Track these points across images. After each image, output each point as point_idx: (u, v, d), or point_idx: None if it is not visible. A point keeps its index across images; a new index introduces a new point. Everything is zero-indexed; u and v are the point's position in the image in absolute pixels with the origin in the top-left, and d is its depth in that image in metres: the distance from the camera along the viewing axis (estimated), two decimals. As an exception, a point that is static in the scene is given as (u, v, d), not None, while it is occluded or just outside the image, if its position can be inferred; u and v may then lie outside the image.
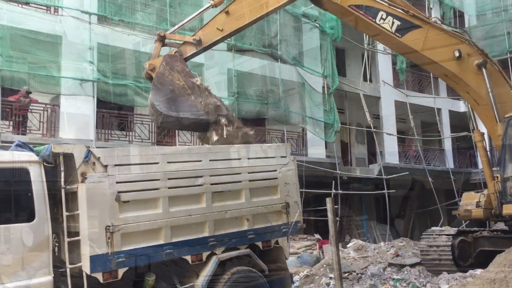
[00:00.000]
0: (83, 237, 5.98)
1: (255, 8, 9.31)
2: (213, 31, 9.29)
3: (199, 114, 8.36)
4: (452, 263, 10.15)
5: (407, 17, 9.82)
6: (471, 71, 10.06)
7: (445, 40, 10.06)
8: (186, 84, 8.49)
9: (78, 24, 13.42)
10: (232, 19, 9.32)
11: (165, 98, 8.40)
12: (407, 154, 22.42)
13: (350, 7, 9.61)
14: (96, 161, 6.21)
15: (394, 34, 9.77)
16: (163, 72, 8.63)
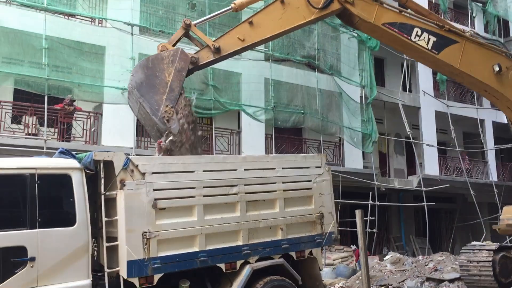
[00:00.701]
0: (121, 242, 6.15)
1: (280, 21, 8.98)
2: (234, 41, 8.76)
3: (155, 113, 7.64)
4: (493, 279, 9.82)
5: (443, 33, 9.50)
6: (511, 85, 9.73)
7: (483, 54, 9.75)
8: (170, 84, 7.86)
9: (121, 35, 13.87)
10: (255, 30, 8.86)
11: (144, 77, 7.83)
12: (447, 166, 21.85)
13: (384, 25, 9.28)
14: (135, 169, 6.39)
15: (431, 51, 9.43)
16: (164, 58, 8.04)
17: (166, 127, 7.58)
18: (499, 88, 9.77)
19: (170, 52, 8.09)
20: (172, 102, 7.70)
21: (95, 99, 13.83)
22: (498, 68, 9.59)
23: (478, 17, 24.67)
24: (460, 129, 22.82)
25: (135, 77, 7.84)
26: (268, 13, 8.96)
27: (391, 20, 9.35)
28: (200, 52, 8.56)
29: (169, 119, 7.59)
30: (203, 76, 15.31)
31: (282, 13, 8.96)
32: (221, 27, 16.12)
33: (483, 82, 9.80)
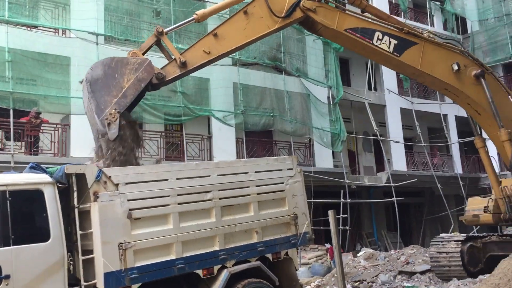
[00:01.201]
0: (97, 254, 6.14)
1: (244, 32, 8.87)
2: (200, 54, 8.59)
3: (99, 113, 7.35)
4: (462, 269, 10.16)
5: (403, 35, 9.70)
6: (469, 83, 10.03)
7: (442, 54, 10.01)
8: (125, 90, 7.55)
9: (86, 45, 13.74)
10: (220, 42, 8.70)
11: (102, 74, 7.58)
12: (414, 161, 22.42)
13: (346, 31, 9.37)
14: (108, 180, 6.39)
15: (393, 54, 9.61)
16: (129, 63, 7.77)
17: (104, 129, 7.28)
18: (459, 86, 10.04)
19: (137, 59, 7.89)
20: (121, 108, 7.38)
21: (62, 110, 13.64)
22: (457, 67, 9.87)
23: (437, 15, 25.45)
24: (425, 125, 23.47)
25: (93, 72, 7.61)
26: (232, 24, 8.88)
27: (353, 25, 9.44)
28: (166, 67, 8.40)
29: (111, 123, 7.27)
30: (171, 84, 15.27)
31: (246, 24, 8.90)
32: (187, 33, 16.18)
33: (443, 81, 10.05)
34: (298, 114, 17.99)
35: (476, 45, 24.77)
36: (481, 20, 25.13)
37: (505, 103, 10.36)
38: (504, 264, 5.20)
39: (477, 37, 24.98)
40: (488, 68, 10.64)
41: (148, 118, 14.79)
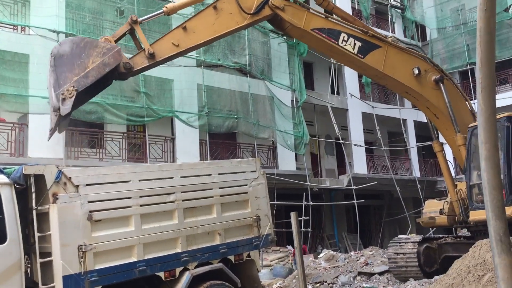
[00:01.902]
0: (56, 257, 6.02)
1: (213, 27, 9.02)
2: (168, 46, 8.71)
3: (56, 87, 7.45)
4: (418, 270, 10.46)
5: (367, 38, 10.06)
6: (429, 87, 10.43)
7: (404, 59, 10.40)
8: (88, 71, 7.57)
9: (46, 43, 13.39)
10: (189, 35, 8.82)
11: (68, 51, 7.61)
12: (374, 165, 22.96)
13: (313, 30, 9.64)
14: (67, 181, 6.27)
15: (357, 55, 9.93)
16: (98, 47, 7.82)
17: (58, 104, 7.32)
18: (418, 90, 10.43)
19: (107, 45, 7.91)
20: (79, 87, 7.41)
21: (19, 109, 13.26)
22: (417, 71, 10.26)
23: (398, 22, 26.15)
24: (385, 129, 24.06)
25: (60, 47, 7.66)
26: (202, 19, 9.01)
27: (319, 25, 9.72)
28: (134, 57, 8.43)
29: (66, 98, 7.29)
30: (134, 84, 15.12)
31: (216, 19, 9.04)
32: (151, 34, 16.03)
33: (404, 85, 10.42)
34: (262, 116, 18.10)
35: (435, 52, 25.60)
36: (440, 28, 26.00)
37: (461, 109, 10.78)
38: (457, 264, 5.41)
39: (435, 44, 25.81)
40: (447, 74, 11.07)
41: (110, 118, 14.56)
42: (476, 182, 9.92)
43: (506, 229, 2.61)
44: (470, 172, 10.05)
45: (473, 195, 10.00)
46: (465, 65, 24.34)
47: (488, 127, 2.70)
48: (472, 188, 10.02)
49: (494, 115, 2.74)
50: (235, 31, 9.62)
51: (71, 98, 7.29)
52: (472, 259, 5.22)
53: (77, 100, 7.56)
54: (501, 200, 2.65)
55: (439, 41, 25.80)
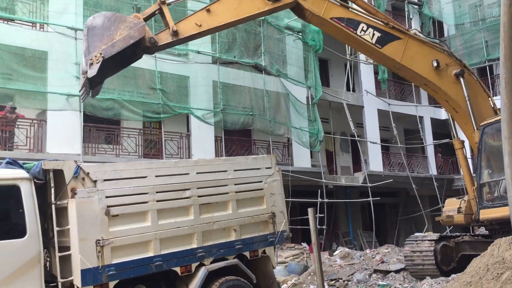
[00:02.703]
0: (74, 251, 6.11)
1: (235, 11, 9.49)
2: (192, 25, 9.21)
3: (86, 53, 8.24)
4: (435, 268, 10.35)
5: (387, 29, 10.22)
6: (449, 81, 10.40)
7: (424, 51, 10.42)
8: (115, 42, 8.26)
9: (64, 40, 13.56)
10: (212, 17, 9.36)
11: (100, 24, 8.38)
12: (390, 162, 22.80)
13: (332, 19, 9.97)
14: (86, 177, 6.36)
15: (374, 45, 10.13)
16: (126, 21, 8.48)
17: (86, 68, 8.06)
18: (437, 82, 10.44)
19: (134, 20, 8.55)
20: (106, 54, 8.08)
21: (38, 105, 13.43)
22: (436, 64, 10.27)
23: (415, 18, 25.86)
24: (401, 126, 23.84)
25: (93, 20, 8.47)
26: (225, 3, 9.49)
27: (339, 15, 10.01)
28: (159, 34, 9.01)
29: (93, 63, 8.00)
30: (150, 81, 15.22)
31: (238, 3, 9.51)
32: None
33: (423, 76, 10.47)
34: (277, 113, 18.08)
35: (453, 48, 25.23)
36: (458, 24, 25.64)
37: (483, 104, 10.66)
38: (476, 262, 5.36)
39: (453, 41, 25.48)
40: (470, 69, 10.95)
41: (127, 114, 14.69)
42: (486, 180, 9.83)
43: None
44: (480, 170, 9.98)
45: (483, 194, 9.93)
46: (484, 62, 23.97)
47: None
48: (482, 186, 9.94)
49: (517, 110, 2.70)
50: (256, 16, 10.06)
51: (97, 63, 8.00)
52: (491, 257, 5.16)
53: (106, 69, 8.27)
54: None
55: (457, 37, 25.45)
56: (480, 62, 24.24)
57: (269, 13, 10.47)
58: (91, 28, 8.33)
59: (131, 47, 8.41)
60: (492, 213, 9.66)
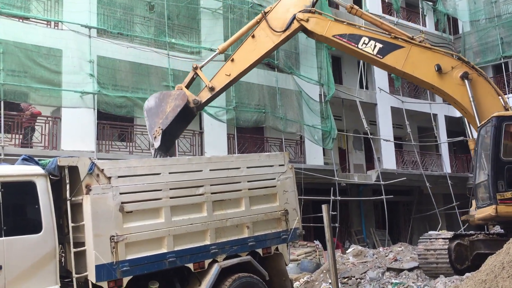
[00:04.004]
0: (89, 247, 6.17)
1: (254, 52, 11.02)
2: (223, 77, 11.01)
3: (150, 131, 10.35)
4: (449, 266, 10.26)
5: (389, 39, 10.86)
6: (455, 83, 10.56)
7: (428, 57, 10.73)
8: (167, 114, 10.31)
9: (78, 38, 13.67)
10: (236, 64, 11.01)
11: (153, 104, 10.53)
12: (403, 160, 22.65)
13: (334, 36, 11.03)
14: (100, 173, 6.41)
15: (376, 56, 10.79)
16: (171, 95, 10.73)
17: (153, 141, 10.18)
18: (441, 86, 10.68)
19: (177, 92, 10.80)
20: (163, 126, 10.09)
21: (53, 103, 13.55)
22: (437, 68, 10.55)
23: (429, 15, 25.61)
24: (415, 124, 23.65)
25: (148, 103, 10.62)
26: (244, 49, 11.16)
27: (341, 32, 11.03)
28: (200, 93, 11.09)
29: (156, 136, 10.06)
30: (162, 78, 15.29)
31: (255, 45, 11.06)
32: (181, 28, 16.21)
33: (426, 82, 10.90)
34: (290, 111, 18.04)
35: (467, 45, 24.99)
36: (472, 21, 25.32)
37: (494, 104, 10.56)
38: (491, 260, 5.30)
39: (468, 37, 25.18)
40: (478, 69, 10.89)
41: (140, 112, 14.73)
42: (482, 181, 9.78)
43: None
44: (477, 171, 9.89)
45: (478, 194, 9.88)
46: (499, 59, 23.65)
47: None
48: (478, 187, 9.87)
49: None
50: (274, 49, 11.60)
51: (159, 135, 9.98)
52: (507, 255, 5.10)
53: (168, 136, 10.31)
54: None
55: (471, 34, 25.14)
56: (495, 59, 23.93)
57: (284, 43, 11.66)
58: (148, 110, 10.43)
59: (181, 112, 10.34)
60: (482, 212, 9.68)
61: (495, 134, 9.43)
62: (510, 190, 9.34)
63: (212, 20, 16.69)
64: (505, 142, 9.43)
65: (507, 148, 9.44)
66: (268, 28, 11.08)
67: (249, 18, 17.32)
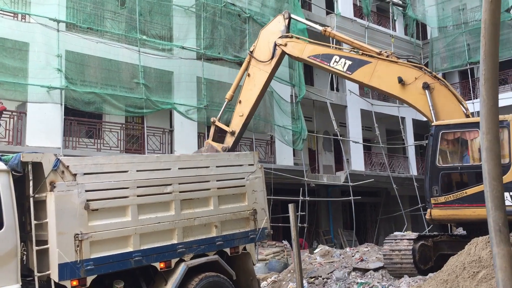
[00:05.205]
0: (52, 245, 6.03)
1: (255, 87, 12.26)
2: (238, 119, 12.34)
3: None
4: (413, 267, 10.47)
5: (358, 56, 11.72)
6: (417, 93, 11.09)
7: (393, 70, 11.34)
8: None
9: (46, 32, 13.35)
10: (244, 104, 12.35)
11: None
12: (371, 162, 23.00)
13: (309, 57, 12.17)
14: (65, 170, 6.27)
15: (346, 72, 11.73)
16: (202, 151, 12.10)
17: None
18: (403, 97, 11.38)
19: (206, 147, 12.26)
20: None
21: (18, 98, 13.20)
22: (399, 80, 11.18)
23: (399, 20, 26.10)
24: (383, 126, 24.05)
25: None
26: (246, 88, 12.47)
27: (315, 53, 12.14)
28: (225, 140, 12.36)
29: None
30: (133, 75, 15.09)
31: (253, 81, 12.30)
32: (152, 25, 16.01)
33: (390, 93, 11.77)
34: (261, 111, 18.04)
35: (435, 51, 25.57)
36: (441, 27, 25.94)
37: (455, 111, 10.92)
38: (452, 261, 5.44)
39: (436, 43, 25.78)
40: (440, 78, 11.45)
41: (109, 109, 14.55)
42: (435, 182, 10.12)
43: (505, 219, 2.61)
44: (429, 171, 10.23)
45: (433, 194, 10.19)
46: (465, 65, 24.31)
47: (490, 118, 2.71)
48: (432, 187, 10.18)
49: (496, 106, 2.75)
50: (270, 79, 12.63)
51: None
52: (468, 256, 5.24)
53: None
54: (501, 190, 2.66)
55: (439, 40, 25.76)
56: (461, 65, 24.58)
57: (276, 69, 12.79)
58: None
59: None
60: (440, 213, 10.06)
61: (433, 142, 10.11)
62: (443, 195, 9.91)
63: (184, 18, 16.57)
64: (441, 150, 10.14)
65: (442, 155, 10.15)
66: (257, 63, 12.36)
67: (222, 17, 17.32)
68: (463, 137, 10.21)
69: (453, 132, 10.22)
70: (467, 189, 9.75)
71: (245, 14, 17.94)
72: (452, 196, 9.85)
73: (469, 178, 10.01)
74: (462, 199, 9.76)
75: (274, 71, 12.62)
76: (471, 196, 9.65)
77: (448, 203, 9.88)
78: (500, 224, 2.59)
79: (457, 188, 9.94)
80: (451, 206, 9.84)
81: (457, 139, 10.29)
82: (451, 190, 9.95)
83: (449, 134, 10.21)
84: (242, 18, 18.01)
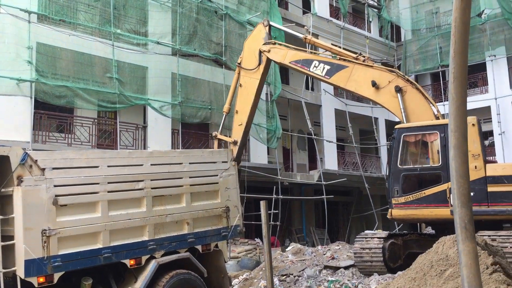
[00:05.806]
0: (18, 241, 5.88)
1: (248, 95, 12.62)
2: (237, 128, 12.66)
3: None
4: (382, 265, 10.61)
5: (335, 61, 12.14)
6: (390, 95, 11.36)
7: (368, 74, 11.65)
8: None
9: (17, 23, 13.02)
10: (241, 113, 12.71)
11: None
12: (344, 161, 23.24)
13: (290, 63, 12.61)
14: (33, 164, 6.12)
15: (324, 77, 12.13)
16: None
17: None
18: (377, 100, 11.65)
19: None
20: None
21: (-14, 90, 12.84)
22: (372, 84, 11.48)
23: (374, 22, 26.45)
24: (357, 126, 24.34)
25: None
26: (241, 98, 12.79)
27: (296, 58, 12.54)
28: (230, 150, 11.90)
29: None
30: (106, 69, 14.86)
31: (246, 90, 12.71)
32: (127, 19, 15.77)
33: (364, 96, 12.12)
34: (236, 108, 18.02)
35: (408, 53, 26.00)
36: (414, 29, 26.40)
37: (425, 113, 11.14)
38: (421, 259, 5.54)
39: (409, 45, 26.22)
40: (412, 81, 11.70)
41: (80, 103, 14.29)
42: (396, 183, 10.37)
43: (471, 216, 2.66)
44: (391, 172, 10.46)
45: (394, 194, 10.41)
46: (437, 67, 24.81)
47: (459, 116, 2.75)
48: (393, 188, 10.39)
49: (464, 105, 2.80)
50: (261, 85, 12.95)
51: None
52: (435, 254, 5.34)
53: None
54: (468, 188, 2.70)
55: (413, 42, 26.21)
56: (434, 67, 25.08)
57: (265, 75, 13.21)
58: None
59: None
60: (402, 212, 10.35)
61: (395, 144, 10.46)
62: (403, 196, 10.22)
63: (160, 13, 16.41)
64: (403, 152, 10.46)
65: (404, 157, 10.43)
66: (247, 72, 12.77)
67: (198, 14, 17.21)
68: (423, 140, 10.49)
69: (414, 135, 10.50)
70: (425, 190, 10.05)
71: (221, 11, 17.88)
72: (412, 197, 10.16)
73: (427, 179, 10.29)
74: (421, 199, 10.05)
75: (264, 76, 13.03)
76: (429, 197, 9.97)
77: (407, 203, 10.20)
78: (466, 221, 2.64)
79: (416, 189, 10.22)
80: (410, 206, 10.16)
81: (418, 142, 10.57)
82: (410, 190, 10.23)
83: (410, 136, 10.51)
84: (218, 14, 17.94)
